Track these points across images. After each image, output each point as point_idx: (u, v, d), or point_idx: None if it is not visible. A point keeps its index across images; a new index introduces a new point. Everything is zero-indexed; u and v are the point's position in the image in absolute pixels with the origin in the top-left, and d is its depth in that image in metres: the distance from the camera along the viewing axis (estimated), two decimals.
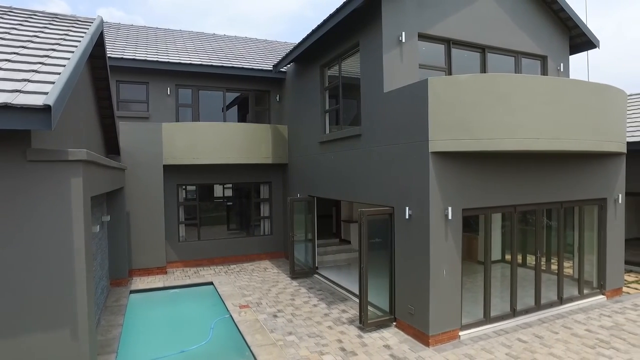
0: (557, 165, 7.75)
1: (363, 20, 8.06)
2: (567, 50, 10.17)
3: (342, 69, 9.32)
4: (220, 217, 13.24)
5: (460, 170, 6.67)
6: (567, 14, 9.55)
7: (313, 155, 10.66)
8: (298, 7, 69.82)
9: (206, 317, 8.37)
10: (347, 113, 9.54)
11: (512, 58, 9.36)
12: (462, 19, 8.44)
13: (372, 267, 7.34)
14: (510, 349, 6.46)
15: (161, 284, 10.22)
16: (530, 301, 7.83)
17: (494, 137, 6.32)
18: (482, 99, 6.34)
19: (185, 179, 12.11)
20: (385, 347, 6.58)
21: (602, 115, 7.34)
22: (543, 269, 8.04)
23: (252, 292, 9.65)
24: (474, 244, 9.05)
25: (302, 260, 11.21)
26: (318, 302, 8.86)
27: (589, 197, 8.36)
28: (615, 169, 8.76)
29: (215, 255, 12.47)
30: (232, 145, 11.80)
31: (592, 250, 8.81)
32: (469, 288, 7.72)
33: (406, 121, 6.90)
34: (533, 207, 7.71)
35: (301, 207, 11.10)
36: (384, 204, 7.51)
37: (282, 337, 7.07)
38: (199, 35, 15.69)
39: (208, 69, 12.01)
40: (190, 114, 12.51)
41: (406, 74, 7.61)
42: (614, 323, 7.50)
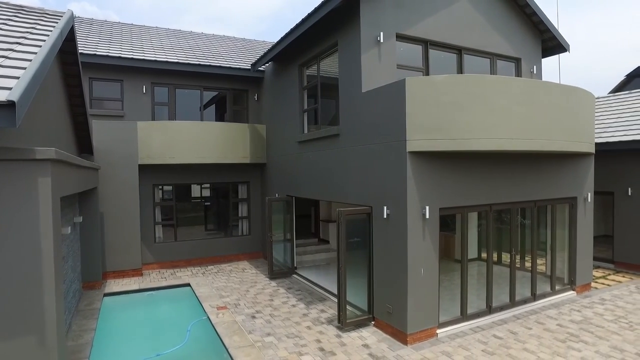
0: (530, 165, 7.94)
1: (341, 20, 8.06)
2: (540, 53, 10.44)
3: (320, 69, 9.31)
4: (198, 217, 13.04)
5: (437, 170, 6.75)
6: (539, 17, 9.80)
7: (291, 155, 10.62)
8: (277, 7, 69.55)
9: (183, 319, 8.22)
10: (326, 113, 9.53)
11: (487, 60, 9.55)
12: (440, 20, 8.54)
13: (350, 266, 7.36)
14: (486, 345, 6.58)
15: (136, 286, 9.98)
16: (505, 298, 8.00)
17: (470, 137, 6.42)
18: (458, 100, 6.44)
19: (161, 178, 11.87)
20: (363, 347, 6.60)
21: (573, 116, 7.57)
22: (518, 266, 8.22)
23: (230, 293, 9.53)
24: (451, 242, 9.18)
25: (281, 261, 11.14)
26: (297, 303, 8.82)
27: (560, 196, 8.60)
28: (584, 168, 9.04)
29: (193, 256, 12.27)
30: (210, 144, 11.64)
31: (564, 247, 9.07)
32: (446, 286, 7.83)
33: (384, 121, 6.94)
34: (508, 206, 7.87)
35: (280, 207, 11.04)
36: (362, 204, 7.54)
37: (261, 338, 7.00)
38: (176, 32, 15.41)
39: (185, 67, 11.80)
40: (166, 112, 12.26)
41: (384, 74, 7.66)
42: (583, 317, 7.74)
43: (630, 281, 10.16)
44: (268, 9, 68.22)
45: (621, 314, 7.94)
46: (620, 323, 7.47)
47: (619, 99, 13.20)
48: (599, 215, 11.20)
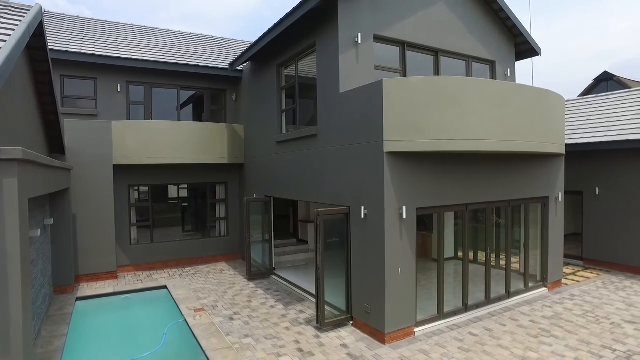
0: (504, 165, 8.13)
1: (319, 20, 8.07)
2: (514, 57, 10.71)
3: (298, 69, 9.30)
4: (175, 218, 12.83)
5: (414, 170, 6.83)
6: (513, 22, 10.06)
7: (270, 155, 10.57)
8: (255, 6, 69.16)
9: (159, 323, 8.06)
10: (305, 113, 9.53)
11: (463, 62, 9.73)
12: (417, 22, 8.65)
13: (328, 266, 7.37)
14: (462, 342, 6.70)
15: (111, 290, 9.74)
16: (481, 296, 8.16)
17: (446, 138, 6.53)
18: (435, 101, 6.53)
19: (137, 179, 11.63)
20: (342, 347, 6.62)
21: (544, 118, 7.79)
22: (493, 264, 8.40)
23: (207, 294, 9.41)
24: (429, 242, 9.31)
25: (259, 262, 11.07)
26: (275, 303, 8.78)
27: (533, 195, 8.84)
28: (555, 169, 9.32)
29: (170, 258, 12.07)
30: (187, 144, 11.47)
31: (536, 245, 9.33)
32: (424, 285, 7.94)
33: (361, 121, 6.98)
34: (483, 205, 8.03)
35: (258, 208, 10.97)
36: (340, 204, 7.57)
37: (239, 340, 6.94)
38: (151, 30, 15.12)
39: (161, 65, 11.58)
40: (142, 112, 12.01)
41: (362, 75, 7.70)
42: (554, 313, 7.98)
43: (598, 277, 10.54)
44: (245, 8, 67.76)
45: (589, 308, 8.23)
46: (588, 317, 7.74)
47: (588, 102, 13.67)
48: (569, 214, 11.56)
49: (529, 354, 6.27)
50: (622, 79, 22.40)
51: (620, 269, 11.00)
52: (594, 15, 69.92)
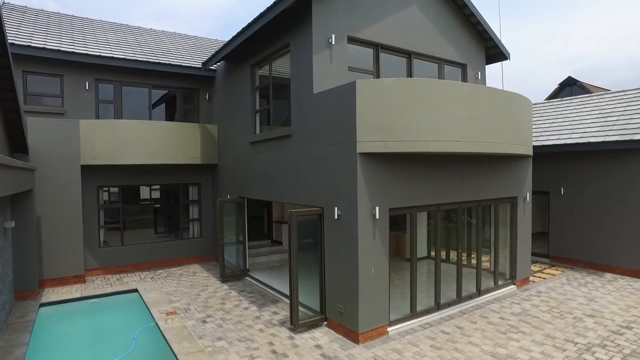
0: (475, 166, 8.32)
1: (294, 21, 8.05)
2: (484, 60, 10.99)
3: (272, 69, 9.24)
4: (147, 219, 12.53)
5: (387, 171, 6.90)
6: (483, 26, 10.32)
7: (243, 156, 10.46)
8: (230, 5, 68.44)
9: (129, 327, 7.84)
10: (279, 113, 9.48)
11: (435, 65, 9.91)
12: (390, 25, 8.75)
13: (302, 267, 7.35)
14: (435, 341, 6.81)
15: (78, 294, 9.40)
16: (452, 294, 8.32)
17: (418, 139, 6.62)
18: (407, 102, 6.62)
19: (107, 180, 11.29)
20: (316, 347, 6.62)
21: (513, 120, 8.02)
22: (464, 263, 8.59)
23: (180, 297, 9.23)
24: (402, 241, 9.42)
25: (233, 263, 10.95)
26: (249, 305, 8.69)
27: (502, 195, 9.08)
28: (524, 170, 9.61)
29: (141, 260, 11.77)
30: (159, 144, 11.23)
31: (506, 244, 9.59)
32: (397, 285, 8.02)
33: (335, 122, 6.99)
34: (455, 205, 8.19)
35: (231, 209, 10.84)
36: (314, 205, 7.56)
37: (212, 343, 6.83)
38: (122, 27, 14.70)
39: (132, 63, 11.29)
40: (112, 111, 11.66)
41: (335, 76, 7.73)
42: (522, 309, 8.22)
43: (563, 274, 10.94)
44: (220, 7, 66.95)
45: (554, 304, 8.52)
46: (553, 313, 8.02)
47: (553, 106, 14.17)
48: (537, 213, 11.95)
49: (498, 349, 6.44)
50: (584, 84, 23.38)
51: (583, 266, 11.45)
52: (561, 22, 72.85)
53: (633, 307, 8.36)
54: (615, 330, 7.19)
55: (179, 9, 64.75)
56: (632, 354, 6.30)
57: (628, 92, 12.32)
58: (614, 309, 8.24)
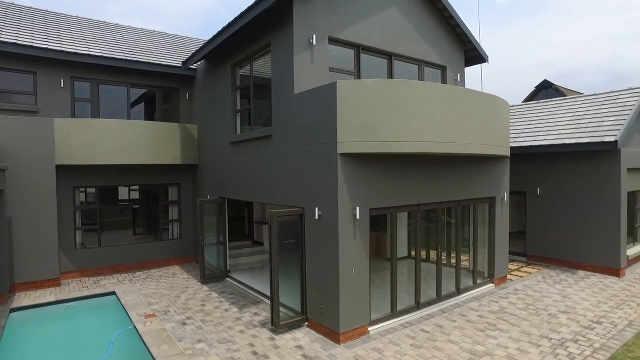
0: (454, 167, 8.44)
1: (274, 21, 8.02)
2: (463, 62, 11.17)
3: (253, 69, 9.19)
4: (126, 220, 12.28)
5: (367, 171, 6.94)
6: (462, 29, 10.49)
7: (224, 156, 10.37)
8: (211, 3, 67.75)
9: (106, 331, 7.68)
10: (260, 113, 9.43)
11: (416, 66, 10.02)
12: (371, 26, 8.81)
13: (283, 268, 7.33)
14: (415, 339, 6.88)
15: (52, 298, 9.14)
16: (432, 293, 8.42)
17: (398, 140, 6.68)
18: (387, 103, 6.66)
19: (83, 180, 11.02)
20: (297, 348, 6.61)
21: (491, 122, 8.17)
22: (444, 262, 8.70)
23: (159, 299, 9.08)
24: (383, 241, 9.51)
25: (214, 264, 10.83)
26: (230, 307, 8.62)
27: (480, 195, 9.25)
28: (501, 170, 9.81)
29: (119, 262, 11.53)
30: (138, 144, 11.03)
31: (484, 243, 9.77)
32: (378, 284, 8.08)
33: (315, 123, 7.00)
34: (434, 205, 8.30)
35: (212, 209, 10.73)
36: (295, 205, 7.55)
37: (191, 345, 6.74)
38: (99, 23, 14.37)
39: (109, 61, 11.03)
40: (89, 109, 11.38)
41: (316, 76, 7.73)
42: (499, 307, 8.40)
43: (538, 272, 11.21)
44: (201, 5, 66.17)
45: (530, 302, 8.73)
46: (529, 310, 8.22)
47: (530, 108, 14.51)
48: (514, 213, 12.22)
49: (477, 347, 6.55)
50: (559, 87, 24.07)
51: (557, 264, 11.77)
52: (537, 27, 74.91)
53: (603, 302, 8.65)
54: (587, 325, 7.43)
55: (159, 6, 63.73)
56: (602, 347, 6.53)
57: (599, 96, 12.71)
58: (586, 304, 8.50)
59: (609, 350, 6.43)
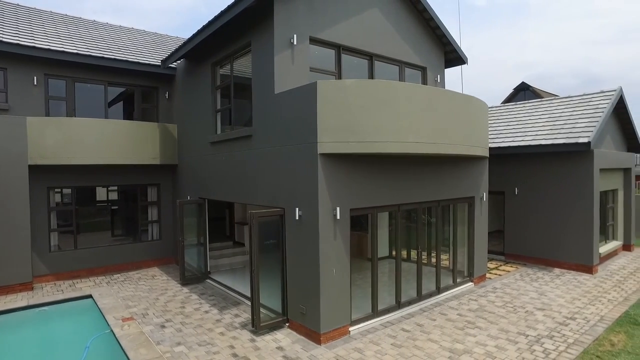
0: (434, 167, 8.54)
1: (255, 20, 7.96)
2: (443, 64, 11.30)
3: (234, 68, 9.11)
4: (104, 222, 12.01)
5: (347, 171, 6.95)
6: (442, 31, 10.61)
7: (204, 156, 10.25)
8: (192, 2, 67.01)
9: (81, 336, 7.46)
10: (241, 113, 9.35)
11: (396, 67, 10.09)
12: (352, 26, 8.83)
13: (264, 269, 7.28)
14: (395, 339, 6.92)
15: (24, 303, 8.84)
16: (413, 293, 8.49)
17: (378, 140, 6.71)
18: (367, 103, 6.68)
19: (58, 180, 10.73)
20: (278, 349, 6.57)
21: (470, 123, 8.28)
22: (424, 262, 8.79)
23: (137, 302, 8.91)
24: (364, 241, 9.53)
25: (194, 265, 10.69)
26: (210, 308, 8.52)
27: (460, 195, 9.37)
28: (480, 171, 9.96)
29: (96, 264, 11.27)
30: (116, 144, 10.81)
31: (464, 243, 9.91)
32: (359, 284, 8.11)
33: (296, 123, 6.98)
34: (415, 205, 8.36)
35: (192, 210, 10.59)
36: (275, 206, 7.51)
37: (170, 348, 6.63)
38: (75, 20, 14.01)
39: (85, 59, 10.76)
40: (64, 108, 11.09)
41: (297, 77, 7.71)
42: (478, 306, 8.52)
43: (516, 270, 11.44)
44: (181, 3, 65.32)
45: (508, 299, 8.90)
46: (507, 308, 8.37)
47: (508, 109, 14.80)
48: (493, 212, 12.43)
49: (456, 345, 6.63)
50: (536, 89, 24.65)
51: (535, 262, 12.03)
52: (515, 30, 76.50)
53: (577, 299, 8.89)
54: (562, 321, 7.61)
55: (138, 4, 62.59)
56: (575, 342, 6.70)
57: (574, 98, 13.05)
58: (561, 301, 8.72)
59: (581, 345, 6.61)
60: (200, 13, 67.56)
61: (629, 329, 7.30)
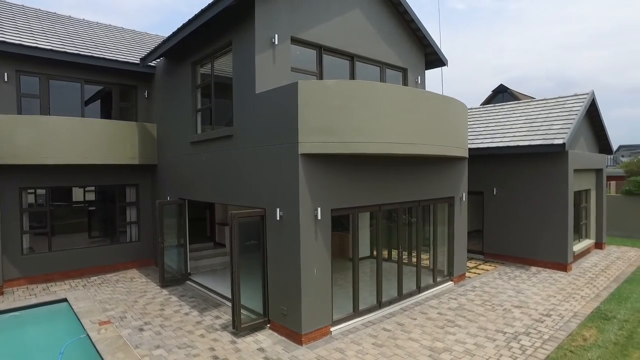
0: (415, 167, 8.62)
1: (236, 19, 7.89)
2: (423, 65, 11.43)
3: (215, 68, 9.01)
4: (80, 223, 11.70)
5: (329, 172, 6.95)
6: (422, 33, 10.74)
7: (184, 157, 10.10)
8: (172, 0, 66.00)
9: (55, 341, 7.25)
10: (222, 113, 9.24)
11: (377, 68, 10.16)
12: (334, 27, 8.84)
13: (245, 269, 7.22)
14: (376, 338, 6.96)
15: None
16: (394, 292, 8.56)
17: (359, 141, 6.73)
18: (348, 104, 6.70)
19: (31, 181, 10.40)
20: (259, 350, 6.52)
21: (450, 124, 8.40)
22: (405, 262, 8.86)
23: (115, 305, 8.72)
24: (346, 242, 9.56)
25: (174, 267, 10.53)
26: (190, 310, 8.40)
27: (440, 195, 9.49)
28: (460, 171, 10.12)
29: (72, 267, 10.97)
30: (93, 143, 10.56)
31: (444, 242, 10.04)
32: (341, 284, 8.13)
33: (277, 123, 6.94)
34: (396, 206, 8.43)
35: (172, 211, 10.43)
36: (256, 206, 7.46)
37: (149, 352, 6.51)
38: (50, 15, 13.61)
39: (61, 55, 10.46)
40: (38, 106, 10.75)
41: (278, 76, 7.67)
42: (458, 304, 8.65)
43: (495, 269, 11.67)
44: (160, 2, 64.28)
45: (487, 298, 9.06)
46: (486, 306, 8.52)
47: (487, 111, 15.08)
48: (472, 212, 12.64)
49: (436, 344, 6.71)
50: (514, 91, 25.22)
51: (513, 261, 12.29)
52: (494, 34, 78.22)
53: (552, 296, 9.12)
54: (538, 318, 7.80)
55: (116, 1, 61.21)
56: (551, 338, 6.88)
57: (549, 101, 13.40)
58: (537, 299, 8.93)
59: (556, 340, 6.78)
60: (180, 12, 66.64)
61: (600, 324, 7.54)
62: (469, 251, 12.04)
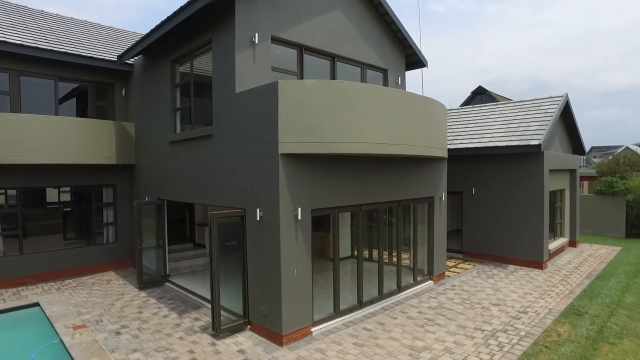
0: (395, 167, 8.68)
1: (216, 17, 7.79)
2: (404, 66, 11.54)
3: (194, 66, 8.88)
4: (55, 225, 11.37)
5: (309, 172, 6.93)
6: (403, 34, 10.83)
7: (163, 156, 9.93)
8: None
9: (26, 347, 6.97)
10: (202, 112, 9.12)
11: (358, 68, 10.19)
12: (314, 27, 8.83)
13: (225, 270, 7.14)
14: (357, 338, 6.97)
15: None
16: (374, 292, 8.60)
17: (339, 141, 6.73)
18: (328, 104, 6.69)
19: (2, 181, 10.04)
20: (239, 352, 6.46)
21: (429, 124, 8.49)
22: (385, 261, 8.92)
23: (91, 308, 8.49)
24: (327, 242, 9.56)
25: (153, 269, 10.33)
26: (169, 313, 8.26)
27: (420, 195, 9.59)
28: (439, 171, 10.24)
29: (45, 270, 10.63)
30: (67, 142, 10.27)
31: (424, 242, 10.15)
32: (321, 285, 8.12)
33: (257, 122, 6.89)
34: (376, 206, 8.47)
35: (150, 212, 10.22)
36: (236, 206, 7.39)
37: (126, 356, 6.37)
38: (20, 8, 13.16)
39: (32, 51, 10.10)
40: (8, 103, 10.39)
41: (258, 76, 7.61)
42: (438, 303, 8.76)
43: (474, 268, 11.86)
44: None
45: (466, 296, 9.20)
46: (465, 304, 8.65)
47: (466, 112, 15.33)
48: (451, 212, 12.83)
49: (416, 342, 6.77)
50: (492, 93, 25.71)
51: (491, 259, 12.53)
52: (473, 36, 79.65)
53: (529, 293, 9.34)
54: (515, 315, 7.96)
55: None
56: (527, 335, 7.04)
57: (526, 102, 13.70)
58: (515, 296, 9.12)
59: (532, 337, 6.94)
60: (159, 8, 65.56)
61: (573, 319, 7.76)
62: (448, 250, 12.21)
